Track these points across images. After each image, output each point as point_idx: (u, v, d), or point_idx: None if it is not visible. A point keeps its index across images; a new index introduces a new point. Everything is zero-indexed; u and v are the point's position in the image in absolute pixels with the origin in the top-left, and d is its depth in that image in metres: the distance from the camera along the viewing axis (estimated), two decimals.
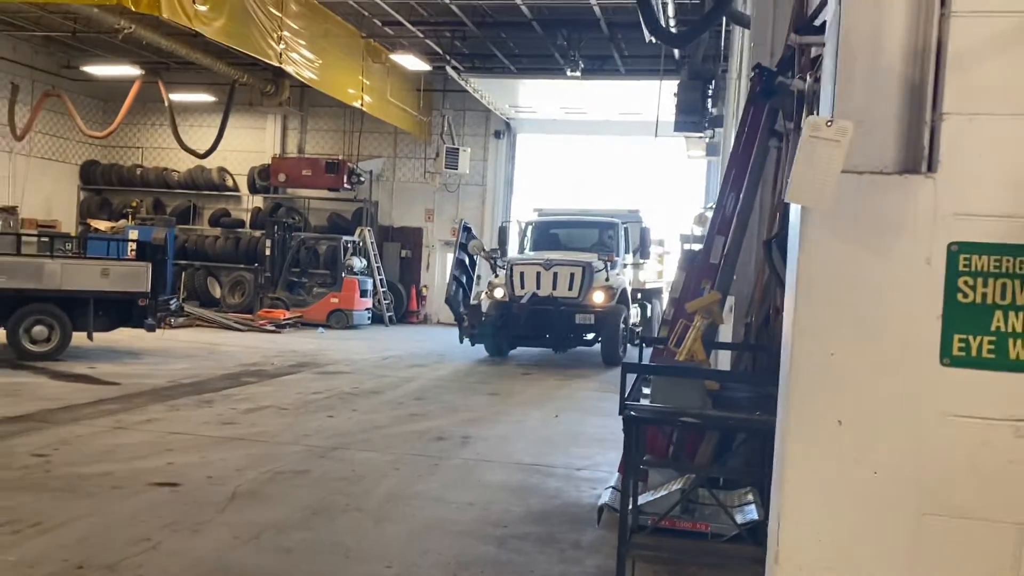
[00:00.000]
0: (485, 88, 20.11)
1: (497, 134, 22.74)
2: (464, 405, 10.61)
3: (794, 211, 2.14)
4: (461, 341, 15.54)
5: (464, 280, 16.75)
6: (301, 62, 15.51)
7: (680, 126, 14.72)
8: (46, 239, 15.73)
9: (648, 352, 7.48)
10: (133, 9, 11.61)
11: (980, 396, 2.02)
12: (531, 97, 21.00)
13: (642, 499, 5.30)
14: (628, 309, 15.72)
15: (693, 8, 13.88)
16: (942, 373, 2.03)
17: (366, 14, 17.27)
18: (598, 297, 15.01)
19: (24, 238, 15.29)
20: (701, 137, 16.58)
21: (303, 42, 15.42)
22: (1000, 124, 2.00)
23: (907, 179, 2.04)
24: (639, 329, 16.65)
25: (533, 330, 14.89)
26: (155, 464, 6.98)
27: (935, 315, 2.04)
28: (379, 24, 17.78)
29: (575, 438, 9.00)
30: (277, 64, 15.00)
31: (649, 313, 18.16)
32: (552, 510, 6.30)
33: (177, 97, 21.05)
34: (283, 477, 6.82)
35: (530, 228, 17.56)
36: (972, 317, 2.02)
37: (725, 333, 6.29)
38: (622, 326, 15.18)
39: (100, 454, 7.22)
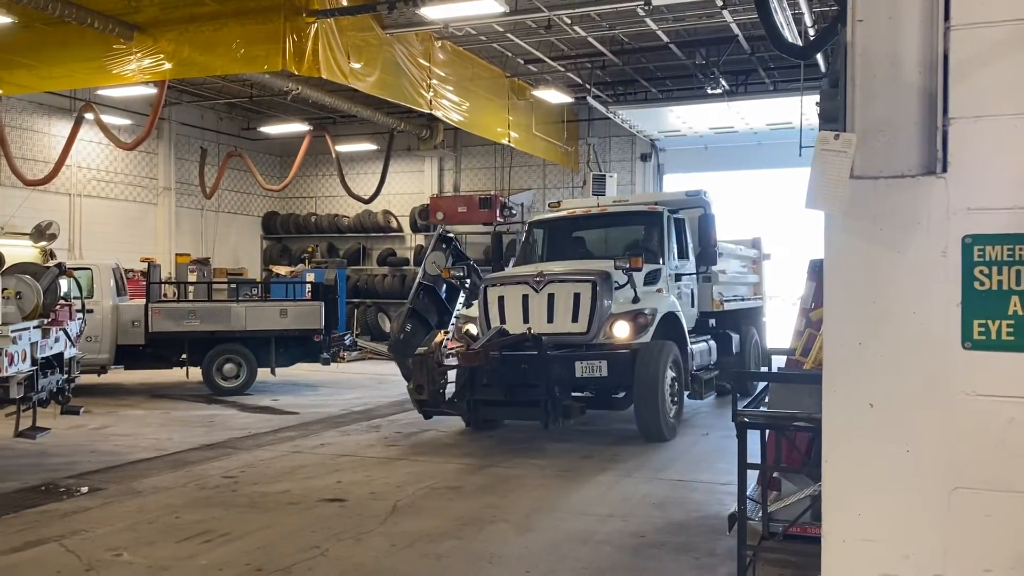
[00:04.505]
0: (629, 116, 20.38)
1: (643, 157, 22.91)
2: (616, 425, 10.84)
3: (819, 217, 2.34)
4: (419, 410, 9.94)
5: (436, 318, 11.68)
6: (449, 106, 16.41)
7: None
8: (233, 285, 17.38)
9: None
10: (296, 72, 12.82)
11: (1003, 376, 2.14)
12: (676, 120, 21.04)
13: (774, 506, 5.39)
14: (686, 345, 10.33)
15: (832, 16, 13.61)
16: (964, 356, 2.17)
17: (509, 54, 18.04)
18: (620, 330, 9.51)
19: (215, 285, 17.02)
20: None
21: (450, 87, 16.33)
22: (1003, 124, 2.13)
23: (919, 180, 2.21)
24: (714, 375, 11.16)
25: (507, 392, 9.24)
26: (326, 483, 7.70)
27: (954, 303, 2.19)
28: (521, 63, 18.50)
29: (723, 455, 9.02)
30: (428, 110, 15.96)
31: (736, 347, 12.43)
32: (691, 522, 6.45)
33: (343, 148, 22.73)
34: (438, 492, 7.35)
35: (537, 232, 11.99)
36: (990, 303, 2.15)
37: None
38: (668, 374, 9.50)
39: (279, 475, 8.04)
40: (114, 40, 12.83)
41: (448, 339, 10.02)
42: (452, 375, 9.57)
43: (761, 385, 6.07)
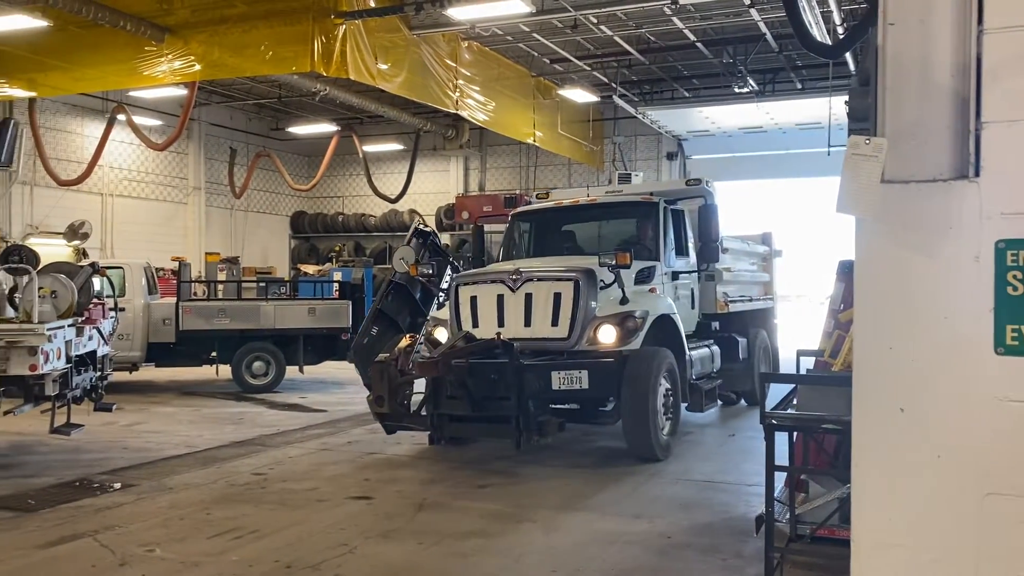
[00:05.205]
0: (657, 116, 20.36)
1: (670, 156, 22.87)
2: None
3: (851, 220, 2.34)
4: (381, 424, 8.88)
5: (407, 320, 10.52)
6: (475, 106, 16.48)
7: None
8: (262, 284, 17.56)
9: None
10: (324, 73, 12.94)
11: None
12: (704, 120, 20.96)
13: (801, 508, 5.37)
14: (683, 352, 9.24)
15: (862, 14, 13.52)
16: (997, 361, 2.16)
17: (535, 54, 18.08)
18: (605, 335, 8.44)
19: (244, 284, 17.21)
20: None
21: (476, 87, 16.39)
22: None
23: (951, 184, 2.20)
24: (716, 384, 10.15)
25: (474, 406, 8.19)
26: (354, 480, 7.76)
27: (987, 308, 2.18)
28: (547, 62, 18.53)
29: (749, 455, 8.98)
30: (454, 110, 16.04)
31: (743, 352, 11.19)
32: (718, 523, 6.43)
33: (370, 148, 22.91)
34: (465, 490, 7.39)
35: (523, 226, 10.76)
36: (1023, 308, 2.14)
37: None
38: (662, 384, 8.44)
39: (308, 472, 8.12)
40: (145, 42, 13.02)
41: (421, 344, 9.04)
42: (420, 384, 8.64)
43: (771, 389, 5.94)
